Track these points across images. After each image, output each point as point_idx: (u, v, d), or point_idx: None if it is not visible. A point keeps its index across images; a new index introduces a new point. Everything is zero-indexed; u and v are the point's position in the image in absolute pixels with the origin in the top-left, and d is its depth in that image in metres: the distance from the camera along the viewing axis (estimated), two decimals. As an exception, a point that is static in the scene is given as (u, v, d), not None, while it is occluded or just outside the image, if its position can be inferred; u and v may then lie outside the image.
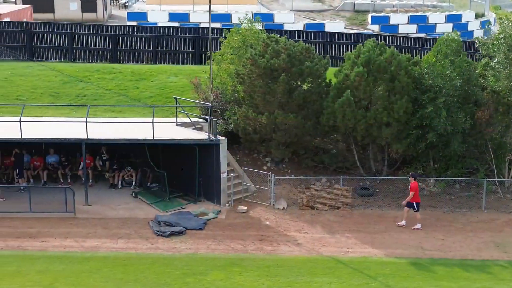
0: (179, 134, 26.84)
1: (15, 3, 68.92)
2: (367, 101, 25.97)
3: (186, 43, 44.54)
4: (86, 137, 25.59)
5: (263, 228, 24.13)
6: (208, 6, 62.64)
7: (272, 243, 22.85)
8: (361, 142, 27.05)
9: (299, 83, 27.14)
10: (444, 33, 64.78)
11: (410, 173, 24.86)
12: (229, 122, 28.13)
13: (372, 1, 73.33)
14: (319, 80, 27.12)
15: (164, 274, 20.39)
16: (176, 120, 28.26)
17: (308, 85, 27.03)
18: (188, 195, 26.99)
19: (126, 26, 47.44)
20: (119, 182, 28.22)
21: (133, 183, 28.21)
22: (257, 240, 23.07)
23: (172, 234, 23.43)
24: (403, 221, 24.21)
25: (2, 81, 34.92)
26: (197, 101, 28.91)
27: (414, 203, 24.03)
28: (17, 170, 27.39)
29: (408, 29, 63.19)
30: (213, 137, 25.81)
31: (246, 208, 25.78)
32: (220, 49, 32.26)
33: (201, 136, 26.42)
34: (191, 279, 20.10)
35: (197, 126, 27.99)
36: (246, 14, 32.46)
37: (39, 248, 22.31)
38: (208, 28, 47.64)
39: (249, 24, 30.44)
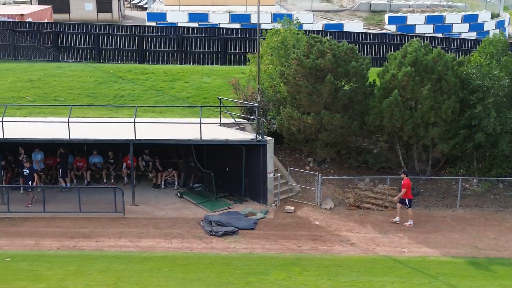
0: (225, 134, 26.94)
1: (31, 4, 69.14)
2: (413, 101, 26.04)
3: (212, 43, 44.70)
4: (134, 138, 25.63)
5: (314, 228, 24.22)
6: (227, 6, 62.69)
7: (326, 242, 22.94)
8: (406, 142, 27.08)
9: (343, 83, 27.20)
10: (460, 33, 64.92)
11: (402, 170, 25.23)
12: (272, 122, 28.20)
13: (388, 1, 73.47)
14: (363, 80, 27.15)
15: (225, 274, 20.47)
16: (220, 120, 28.33)
17: (352, 85, 27.06)
18: (233, 195, 27.08)
19: (152, 27, 47.61)
20: (162, 183, 28.30)
21: (176, 183, 28.28)
22: (310, 240, 23.16)
23: (225, 233, 23.53)
24: (397, 217, 24.57)
25: (37, 82, 35.02)
26: (243, 101, 28.89)
27: (406, 199, 24.35)
28: (61, 170, 27.46)
29: (425, 29, 63.35)
30: (260, 137, 25.87)
31: (293, 208, 25.87)
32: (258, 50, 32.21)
33: (248, 136, 26.51)
34: (253, 278, 20.18)
35: (240, 126, 28.08)
36: (276, 17, 32.53)
37: (95, 248, 22.40)
38: (234, 28, 48.09)
39: (287, 25, 30.47)
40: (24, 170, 25.60)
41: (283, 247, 22.57)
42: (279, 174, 26.64)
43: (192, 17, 59.88)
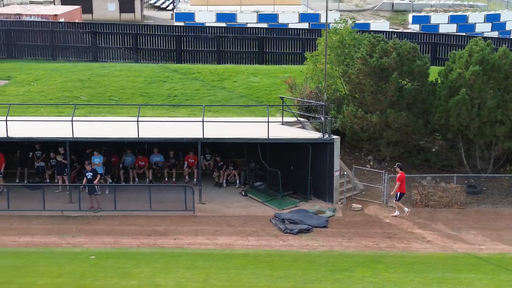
0: (290, 133, 27.13)
1: (54, 4, 69.37)
2: (480, 99, 26.23)
3: (250, 43, 44.85)
4: (202, 137, 25.80)
5: (386, 226, 24.40)
6: (255, 6, 62.84)
7: (402, 240, 23.12)
8: (468, 140, 27.26)
9: (405, 82, 27.40)
10: (483, 32, 65.17)
11: (397, 164, 25.59)
12: (334, 121, 28.35)
13: (410, 1, 73.70)
14: (426, 79, 27.35)
15: (311, 271, 20.66)
16: (282, 119, 28.51)
17: (415, 84, 27.25)
18: (296, 194, 27.25)
19: (191, 26, 47.86)
20: (224, 181, 28.48)
21: (238, 181, 28.46)
22: (385, 237, 23.35)
23: (300, 231, 23.71)
24: (397, 211, 25.08)
25: (88, 82, 35.19)
26: (300, 100, 29.11)
27: (398, 193, 24.74)
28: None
29: (448, 29, 63.50)
30: (327, 136, 26.06)
31: (360, 206, 26.07)
32: (316, 49, 32.39)
33: (314, 135, 26.69)
34: (340, 275, 20.36)
35: (303, 124, 28.30)
36: (303, 17, 32.71)
37: (175, 245, 22.58)
38: (271, 28, 48.26)
39: (344, 24, 30.64)
40: (87, 173, 25.71)
41: (361, 244, 22.75)
42: (345, 172, 26.80)
43: (220, 17, 60.07)
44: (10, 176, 28.27)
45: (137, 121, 25.61)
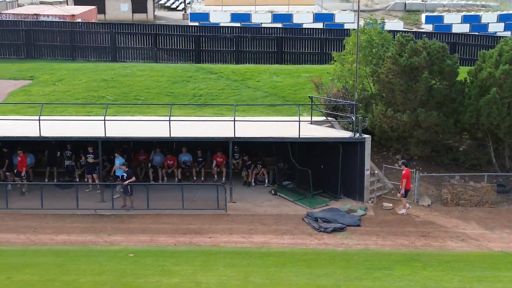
0: (320, 132, 27.24)
1: (67, 4, 69.56)
2: (510, 98, 26.30)
3: (268, 43, 45.01)
4: (233, 136, 25.91)
5: (419, 225, 24.48)
6: (269, 6, 62.99)
7: (437, 239, 23.20)
8: (497, 140, 27.33)
9: (434, 81, 27.48)
10: (495, 32, 65.26)
11: (401, 161, 25.82)
12: (362, 120, 28.42)
13: (423, 1, 73.76)
14: (456, 78, 27.44)
15: (350, 269, 20.75)
16: (311, 118, 28.61)
17: (445, 83, 27.33)
18: (326, 192, 27.35)
19: (209, 27, 48.00)
20: (252, 180, 28.59)
21: (266, 181, 28.56)
22: (420, 236, 23.43)
23: (334, 230, 23.80)
24: (403, 209, 25.37)
25: (112, 82, 35.35)
26: (327, 99, 29.18)
27: (404, 189, 25.01)
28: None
29: (461, 29, 63.53)
30: (358, 135, 26.16)
31: (391, 205, 26.14)
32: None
33: (345, 134, 26.79)
34: (379, 274, 20.45)
35: (332, 124, 28.41)
36: (317, 17, 32.83)
37: (211, 243, 22.69)
38: (290, 28, 48.40)
39: (372, 24, 30.76)
40: (122, 173, 25.85)
41: (396, 243, 22.83)
42: (376, 171, 26.89)
43: (235, 17, 60.23)
44: (39, 176, 28.36)
45: (169, 120, 25.71)
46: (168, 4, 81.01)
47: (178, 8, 79.40)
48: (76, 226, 23.88)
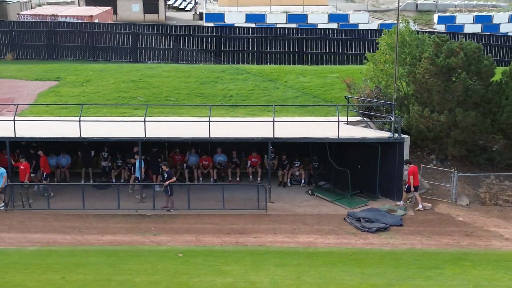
0: (358, 132, 27.34)
1: (78, 5, 69.60)
2: (547, 98, 26.47)
3: (289, 43, 45.14)
4: (272, 136, 26.01)
5: (460, 224, 24.59)
6: (284, 6, 63.06)
7: (481, 238, 23.31)
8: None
9: (472, 81, 27.59)
10: (507, 32, 65.44)
11: (405, 160, 25.96)
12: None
13: (434, 1, 73.96)
14: (492, 79, 27.58)
15: (401, 268, 20.84)
16: (347, 119, 28.71)
17: (482, 83, 27.45)
18: (363, 192, 27.43)
19: (230, 27, 48.17)
20: (288, 180, 28.66)
21: (302, 181, 28.64)
22: (463, 235, 23.53)
23: (378, 230, 23.89)
24: (420, 205, 25.60)
25: (141, 83, 35.39)
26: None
27: (412, 186, 25.50)
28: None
29: (473, 29, 63.75)
30: (397, 135, 26.26)
31: (430, 205, 26.23)
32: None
33: (384, 134, 26.89)
34: (430, 273, 20.54)
35: (367, 124, 28.51)
36: (332, 17, 33.01)
37: (257, 243, 22.77)
38: (311, 29, 48.49)
39: (406, 25, 30.87)
40: (163, 173, 25.93)
41: (441, 242, 22.93)
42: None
43: (250, 17, 60.42)
44: (75, 176, 28.45)
45: (209, 121, 25.78)
46: (176, 4, 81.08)
47: (186, 9, 79.51)
48: (120, 227, 23.93)
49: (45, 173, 26.54)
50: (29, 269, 20.25)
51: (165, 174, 25.66)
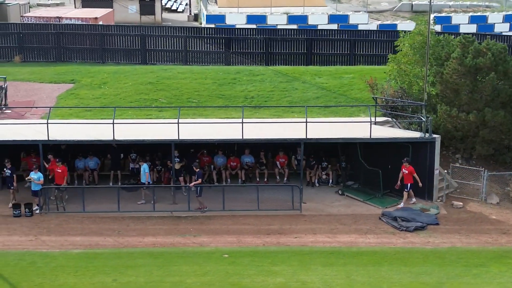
0: (388, 132, 27.54)
1: (75, 7, 69.21)
2: None
3: (298, 44, 45.26)
4: (305, 137, 26.12)
5: (495, 222, 24.86)
6: (284, 7, 63.15)
7: (519, 236, 23.62)
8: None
9: (499, 81, 27.91)
10: (501, 32, 66.17)
11: (404, 159, 26.23)
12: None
13: (429, 2, 74.40)
14: (518, 79, 27.95)
15: (447, 267, 21.05)
16: (375, 119, 28.86)
17: (507, 83, 27.79)
18: (392, 192, 27.61)
19: (239, 29, 48.12)
20: (316, 180, 28.79)
21: (330, 181, 28.78)
22: (500, 233, 23.82)
23: (416, 229, 24.08)
24: (413, 199, 26.40)
25: (159, 85, 35.28)
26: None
27: (409, 184, 25.95)
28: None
29: (468, 29, 64.24)
30: (428, 135, 26.50)
31: (461, 203, 26.49)
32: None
33: (415, 134, 27.12)
34: (476, 271, 20.79)
35: (393, 124, 28.74)
36: (332, 18, 33.30)
37: (298, 243, 22.87)
38: (319, 29, 48.66)
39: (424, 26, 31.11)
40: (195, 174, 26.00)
41: (480, 240, 23.18)
42: (445, 171, 27.24)
43: (251, 18, 60.46)
44: (103, 179, 28.37)
45: (242, 122, 25.83)
46: (168, 6, 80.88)
47: (178, 10, 79.43)
48: (159, 228, 23.89)
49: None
50: (78, 272, 20.18)
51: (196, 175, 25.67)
